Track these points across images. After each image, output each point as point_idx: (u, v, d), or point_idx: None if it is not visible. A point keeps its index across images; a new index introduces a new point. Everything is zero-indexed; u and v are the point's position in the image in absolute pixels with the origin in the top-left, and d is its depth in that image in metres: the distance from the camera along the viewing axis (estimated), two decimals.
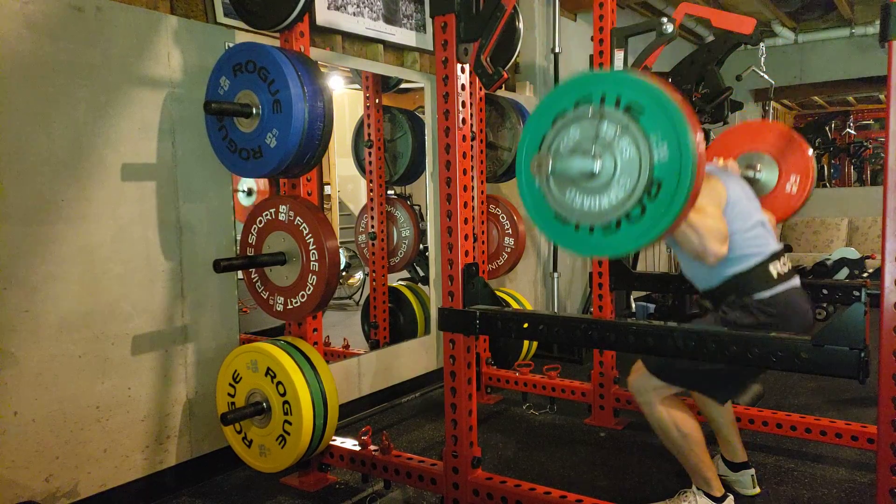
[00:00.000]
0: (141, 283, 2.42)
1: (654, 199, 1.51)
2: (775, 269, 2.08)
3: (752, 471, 2.43)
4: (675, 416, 2.14)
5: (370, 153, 3.85)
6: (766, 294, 2.05)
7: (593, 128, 1.57)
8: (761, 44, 3.87)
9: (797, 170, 2.67)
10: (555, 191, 1.67)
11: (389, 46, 3.54)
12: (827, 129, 9.60)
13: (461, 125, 2.11)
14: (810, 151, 2.69)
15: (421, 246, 4.01)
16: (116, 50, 2.32)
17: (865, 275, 5.06)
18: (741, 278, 2.07)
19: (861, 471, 2.61)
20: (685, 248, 1.99)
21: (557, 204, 1.67)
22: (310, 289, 2.37)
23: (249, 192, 3.86)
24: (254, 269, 2.52)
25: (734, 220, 2.06)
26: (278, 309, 2.49)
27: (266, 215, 2.45)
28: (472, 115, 2.75)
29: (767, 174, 2.69)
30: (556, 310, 4.81)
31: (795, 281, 2.13)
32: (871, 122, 10.98)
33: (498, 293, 3.65)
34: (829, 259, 5.42)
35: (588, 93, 1.59)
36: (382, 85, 3.83)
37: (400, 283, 4.06)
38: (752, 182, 2.74)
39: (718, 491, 2.19)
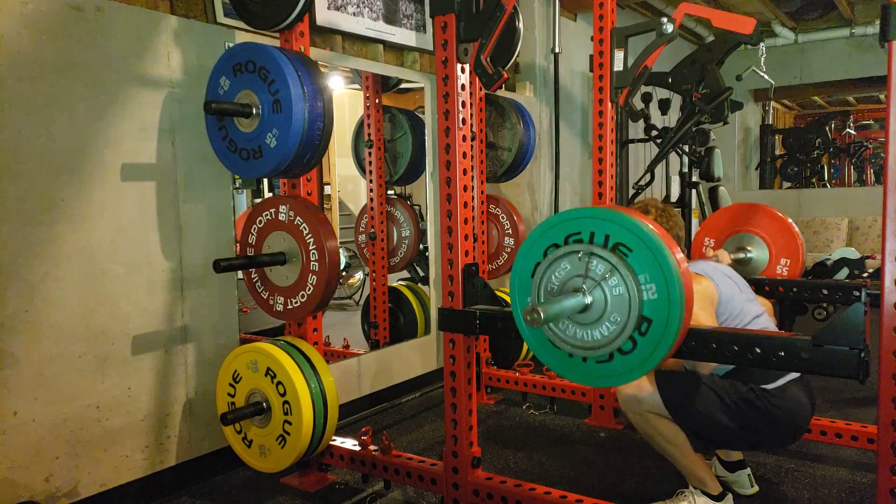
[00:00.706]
0: (141, 283, 2.42)
1: (645, 336, 1.55)
2: None
3: (749, 470, 2.43)
4: (660, 427, 2.17)
5: (370, 153, 3.85)
6: (772, 386, 2.09)
7: (583, 265, 1.62)
8: (761, 44, 3.88)
9: (787, 253, 2.75)
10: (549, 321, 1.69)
11: (389, 46, 3.54)
12: (827, 129, 9.59)
13: (461, 125, 2.11)
14: (800, 236, 2.74)
15: (421, 246, 4.01)
16: (116, 50, 2.32)
17: (865, 275, 5.05)
18: (746, 370, 2.10)
19: (861, 471, 2.61)
20: (679, 360, 2.04)
21: (552, 333, 1.70)
22: (310, 289, 2.37)
23: None
24: (254, 269, 2.52)
25: (731, 318, 2.12)
26: (278, 309, 2.49)
27: (266, 215, 2.45)
28: (472, 115, 2.75)
29: (759, 254, 2.76)
30: None
31: (796, 373, 2.15)
32: (871, 122, 10.98)
33: (498, 293, 3.65)
34: (829, 259, 5.41)
35: (577, 230, 1.64)
36: (382, 85, 3.83)
37: (400, 283, 4.06)
38: (745, 262, 2.78)
39: (715, 489, 2.20)
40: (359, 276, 5.16)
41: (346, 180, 4.92)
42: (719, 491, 2.20)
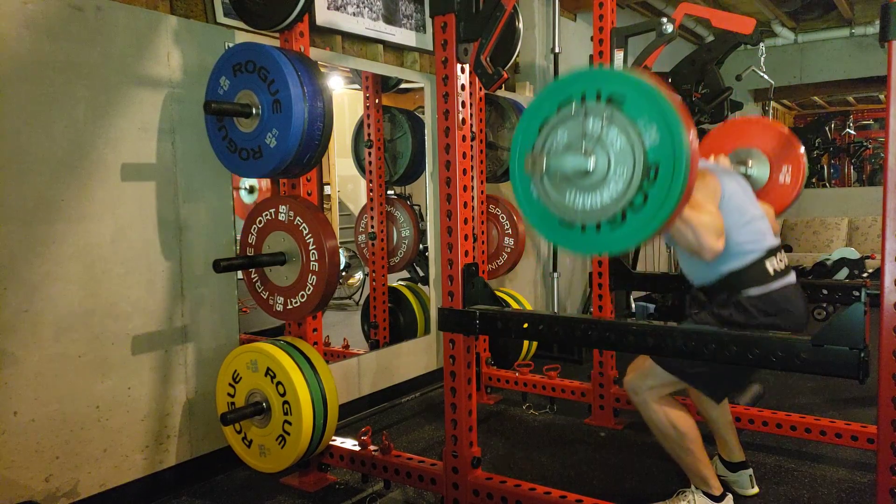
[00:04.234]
0: (141, 283, 2.42)
1: (654, 183, 1.51)
2: (771, 265, 2.08)
3: (751, 471, 2.43)
4: (671, 415, 2.14)
5: (370, 153, 3.85)
6: (761, 291, 2.05)
7: (579, 126, 1.59)
8: (761, 44, 3.87)
9: (788, 160, 2.67)
10: (554, 197, 1.67)
11: (389, 46, 3.54)
12: (827, 129, 9.58)
13: (461, 125, 2.11)
14: (801, 147, 2.69)
15: (421, 246, 4.00)
16: (116, 50, 2.32)
17: (865, 275, 5.06)
18: (736, 276, 2.07)
19: (861, 471, 2.61)
20: (682, 245, 1.99)
21: (559, 209, 1.67)
22: (310, 289, 2.37)
23: (251, 190, 3.87)
24: (254, 269, 2.52)
25: (730, 214, 2.05)
26: (278, 309, 2.48)
27: (266, 215, 2.45)
28: (472, 115, 2.75)
29: (759, 169, 2.70)
30: (556, 310, 4.81)
31: (791, 277, 2.13)
32: (871, 122, 10.98)
33: (498, 293, 3.65)
34: (829, 259, 5.42)
35: (568, 94, 1.61)
36: (382, 85, 3.83)
37: (400, 283, 4.06)
38: (746, 178, 2.73)
39: (717, 490, 2.19)
40: (359, 276, 5.16)
41: (346, 180, 4.92)
42: (721, 491, 2.20)
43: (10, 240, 2.07)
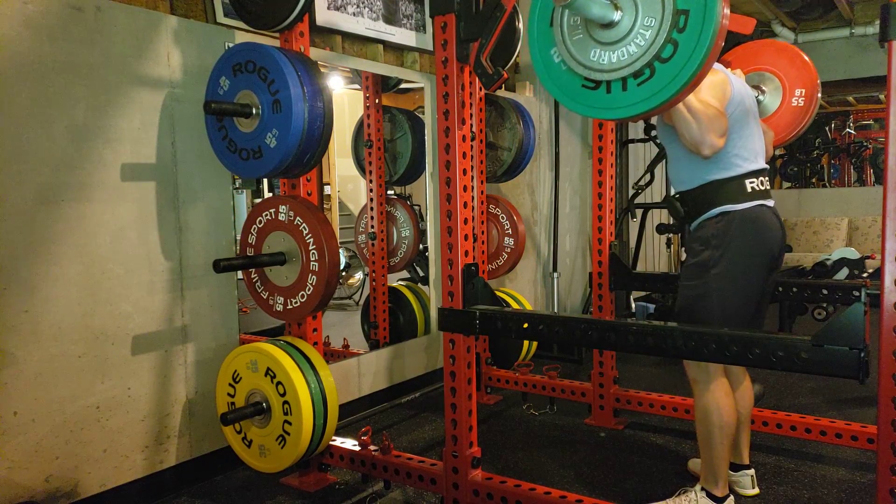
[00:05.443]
0: (141, 283, 2.42)
1: (685, 31, 1.47)
2: (751, 184, 2.12)
3: (752, 471, 2.43)
4: (722, 402, 2.15)
5: (370, 153, 3.85)
6: (737, 207, 2.10)
7: None
8: None
9: (802, 83, 2.65)
10: (578, 56, 1.63)
11: (389, 46, 3.54)
12: (827, 129, 9.57)
13: (461, 125, 2.11)
14: (811, 64, 2.65)
15: (421, 246, 4.01)
16: (116, 50, 2.33)
17: (865, 275, 5.05)
18: (717, 186, 2.11)
19: (861, 471, 2.61)
20: (684, 136, 2.00)
21: (583, 68, 1.62)
22: (310, 289, 2.37)
23: None
24: (254, 269, 2.52)
25: (729, 121, 2.07)
26: (278, 309, 2.49)
27: (266, 215, 2.45)
28: (472, 115, 2.75)
29: (771, 98, 2.67)
30: (555, 310, 4.81)
31: (769, 201, 2.17)
32: (871, 122, 10.96)
33: (498, 293, 3.65)
34: (829, 259, 5.41)
35: None
36: (382, 85, 3.84)
37: (400, 283, 4.06)
38: (759, 103, 2.71)
39: (723, 491, 2.19)
40: (359, 276, 5.16)
41: (346, 180, 4.92)
42: (725, 493, 2.20)
43: (10, 240, 2.07)
